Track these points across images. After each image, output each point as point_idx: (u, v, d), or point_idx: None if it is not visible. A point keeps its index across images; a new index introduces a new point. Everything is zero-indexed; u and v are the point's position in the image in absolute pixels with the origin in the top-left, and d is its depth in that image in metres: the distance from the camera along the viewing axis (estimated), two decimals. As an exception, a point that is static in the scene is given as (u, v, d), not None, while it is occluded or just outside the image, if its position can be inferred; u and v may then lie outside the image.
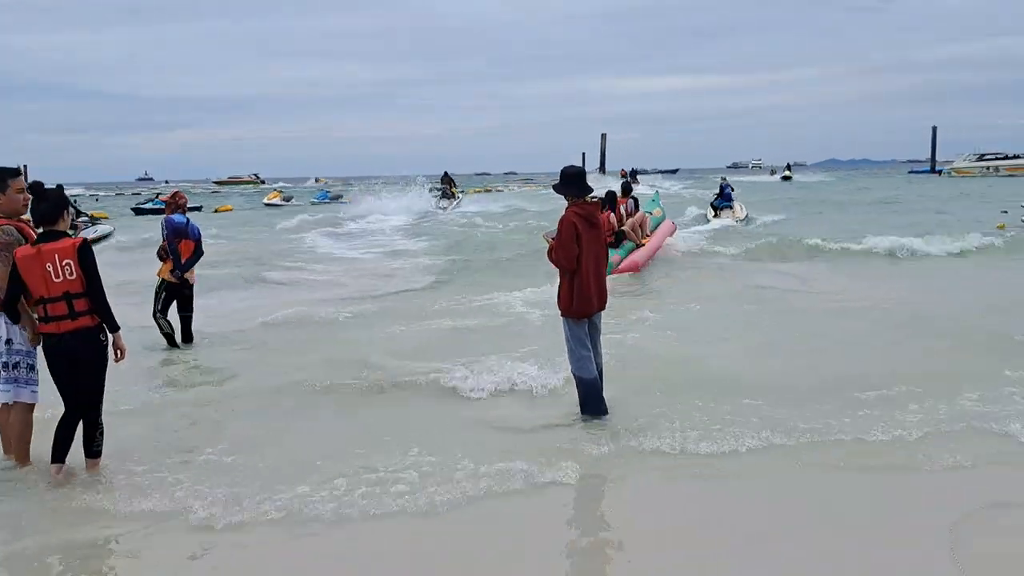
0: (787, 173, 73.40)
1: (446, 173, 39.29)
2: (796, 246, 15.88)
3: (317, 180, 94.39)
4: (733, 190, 26.85)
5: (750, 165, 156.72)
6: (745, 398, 6.23)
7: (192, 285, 8.93)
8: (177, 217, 8.87)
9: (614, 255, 12.57)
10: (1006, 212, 22.31)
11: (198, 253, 8.92)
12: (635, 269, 13.03)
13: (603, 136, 73.27)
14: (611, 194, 14.21)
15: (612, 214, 13.87)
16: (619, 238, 13.92)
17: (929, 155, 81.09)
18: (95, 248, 5.27)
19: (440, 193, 36.68)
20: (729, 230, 20.78)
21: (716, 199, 26.04)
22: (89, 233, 22.08)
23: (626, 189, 15.81)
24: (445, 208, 33.98)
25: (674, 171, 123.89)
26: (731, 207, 25.04)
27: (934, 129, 79.99)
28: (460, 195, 38.51)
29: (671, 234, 16.59)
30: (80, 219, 24.95)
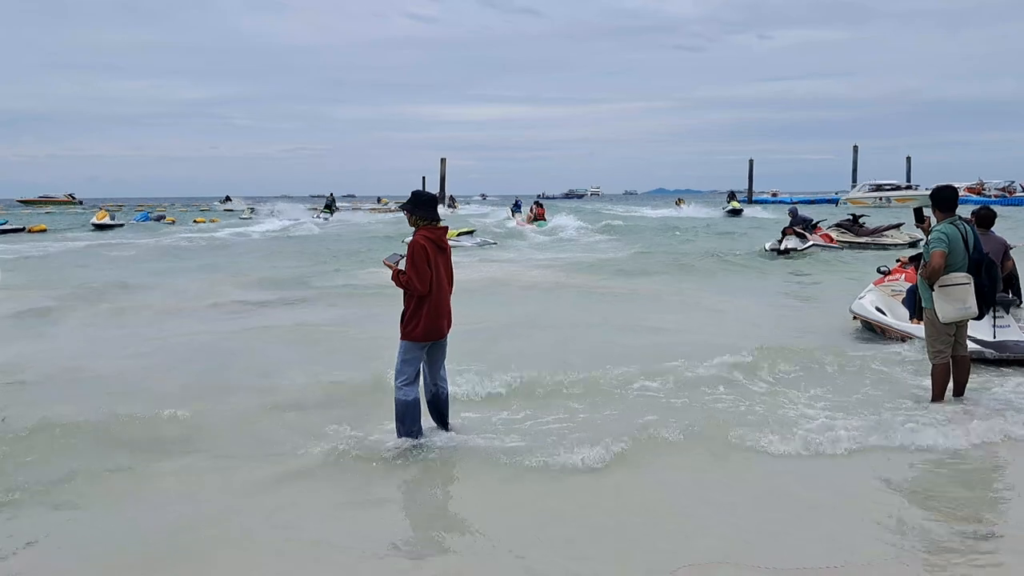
0: (735, 205, 50.34)
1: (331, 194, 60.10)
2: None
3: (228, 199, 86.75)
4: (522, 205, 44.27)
5: (588, 193, 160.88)
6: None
7: None
8: None
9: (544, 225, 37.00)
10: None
11: None
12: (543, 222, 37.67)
13: (443, 161, 73.54)
14: (537, 201, 42.24)
15: (538, 209, 38.71)
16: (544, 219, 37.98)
17: (747, 186, 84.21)
18: None
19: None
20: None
21: (513, 206, 44.29)
22: None
23: (539, 204, 39.28)
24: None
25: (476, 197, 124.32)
26: (520, 213, 41.34)
27: (751, 162, 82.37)
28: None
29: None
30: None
